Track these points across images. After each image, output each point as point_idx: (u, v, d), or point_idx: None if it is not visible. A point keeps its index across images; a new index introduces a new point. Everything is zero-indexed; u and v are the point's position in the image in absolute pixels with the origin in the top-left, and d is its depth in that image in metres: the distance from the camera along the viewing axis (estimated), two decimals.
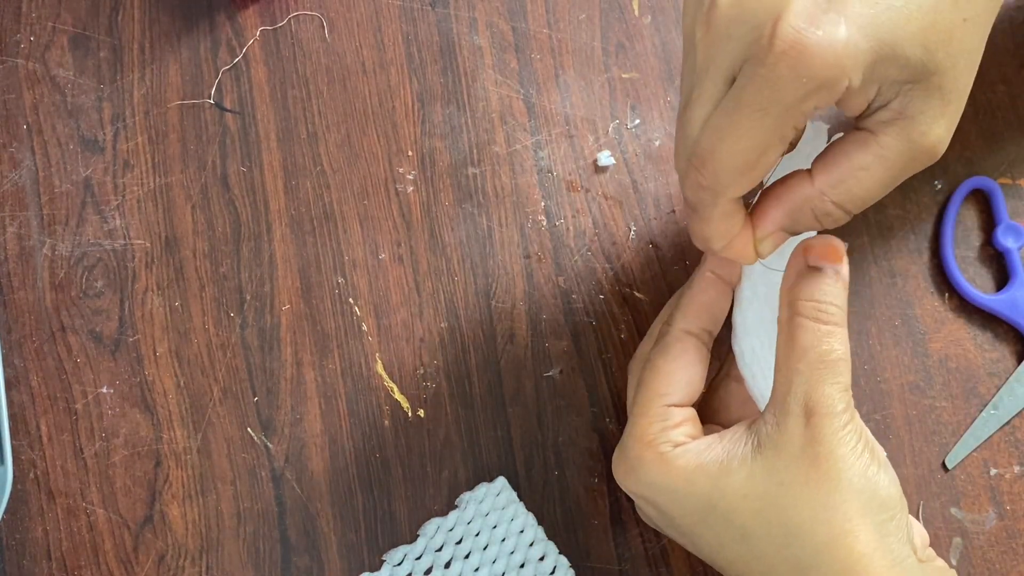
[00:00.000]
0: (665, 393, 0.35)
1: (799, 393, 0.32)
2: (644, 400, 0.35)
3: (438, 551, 0.43)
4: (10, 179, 0.48)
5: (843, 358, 0.32)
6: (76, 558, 0.44)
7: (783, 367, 0.33)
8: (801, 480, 0.31)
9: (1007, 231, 0.46)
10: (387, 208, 0.48)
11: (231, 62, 0.49)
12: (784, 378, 0.32)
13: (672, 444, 0.34)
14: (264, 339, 0.46)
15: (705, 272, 0.37)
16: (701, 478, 0.32)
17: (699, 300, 0.36)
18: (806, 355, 0.32)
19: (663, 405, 0.35)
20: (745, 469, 0.32)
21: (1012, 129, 0.49)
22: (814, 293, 0.33)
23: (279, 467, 0.45)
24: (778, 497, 0.31)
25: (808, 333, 0.32)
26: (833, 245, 0.33)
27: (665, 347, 0.36)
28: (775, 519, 0.31)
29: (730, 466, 0.32)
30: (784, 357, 0.33)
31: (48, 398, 0.46)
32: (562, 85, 0.49)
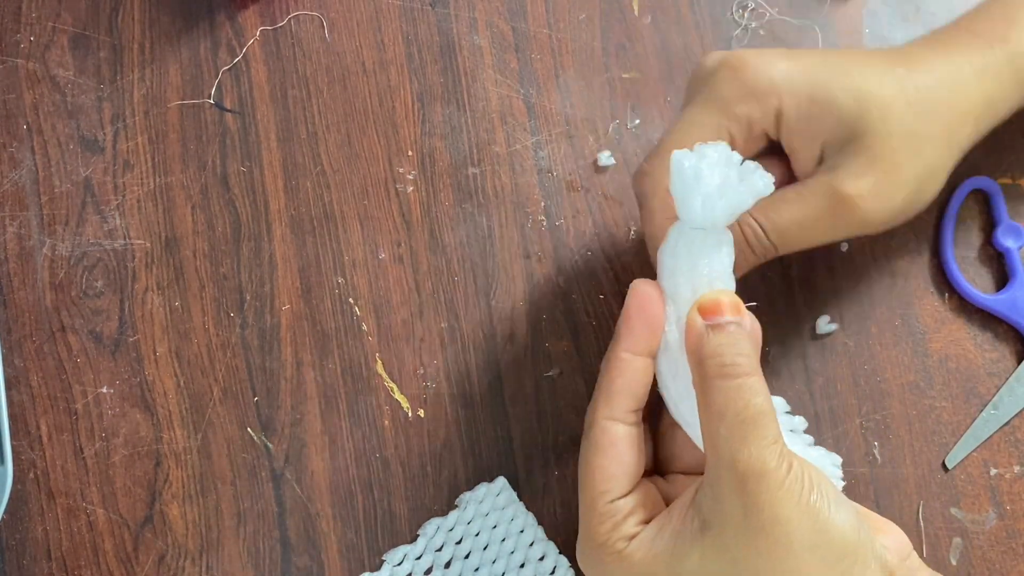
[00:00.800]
0: (606, 490, 0.34)
1: (727, 460, 0.30)
2: (588, 500, 0.34)
3: (438, 551, 0.43)
4: (10, 179, 0.48)
5: (762, 410, 0.31)
6: (76, 558, 0.44)
7: (707, 433, 0.32)
8: (752, 553, 0.30)
9: (1007, 231, 0.46)
10: (387, 208, 0.48)
11: (231, 62, 0.49)
12: (711, 445, 0.31)
13: (625, 539, 0.33)
14: (264, 339, 0.46)
15: (619, 354, 0.35)
16: (658, 568, 0.32)
17: (616, 385, 0.35)
18: (724, 417, 0.31)
19: (607, 503, 0.34)
20: (696, 551, 0.31)
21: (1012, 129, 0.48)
22: (716, 350, 0.32)
23: (279, 467, 0.45)
24: (733, 573, 0.31)
25: (720, 393, 0.31)
26: (721, 300, 0.33)
27: (594, 443, 0.34)
28: None
29: (682, 551, 0.31)
30: (705, 422, 0.32)
31: (48, 398, 0.46)
32: (562, 85, 0.49)
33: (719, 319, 0.33)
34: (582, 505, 0.34)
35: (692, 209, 0.33)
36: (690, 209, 0.33)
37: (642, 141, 0.49)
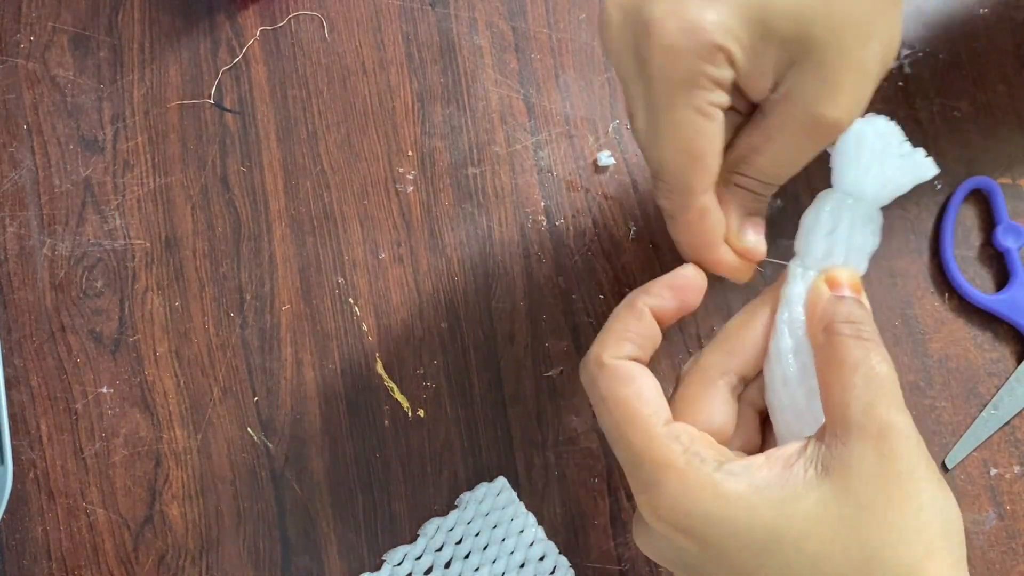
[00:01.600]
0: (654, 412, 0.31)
1: (861, 410, 0.29)
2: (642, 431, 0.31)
3: (438, 551, 0.43)
4: (10, 179, 0.48)
5: (893, 376, 0.31)
6: (76, 558, 0.44)
7: (834, 387, 0.31)
8: (882, 501, 0.28)
9: (1007, 231, 0.46)
10: (387, 208, 0.48)
11: (231, 62, 0.49)
12: (839, 398, 0.30)
13: (713, 462, 0.30)
14: (264, 339, 0.46)
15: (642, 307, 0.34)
16: (762, 505, 0.29)
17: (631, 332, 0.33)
18: (858, 370, 0.30)
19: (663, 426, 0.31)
20: (814, 493, 0.29)
21: (1012, 129, 0.48)
22: (849, 314, 0.32)
23: (279, 467, 0.45)
24: (857, 520, 0.28)
25: (854, 349, 0.31)
26: (851, 276, 0.34)
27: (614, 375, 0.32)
28: (854, 543, 0.28)
29: (795, 492, 0.29)
30: (834, 376, 0.31)
31: (48, 398, 0.46)
32: (562, 85, 0.49)
33: (846, 291, 0.33)
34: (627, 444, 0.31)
35: (849, 176, 0.34)
36: (848, 177, 0.34)
37: None
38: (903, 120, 0.49)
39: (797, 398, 0.33)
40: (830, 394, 0.31)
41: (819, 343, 0.32)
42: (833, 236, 0.34)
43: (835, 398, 0.30)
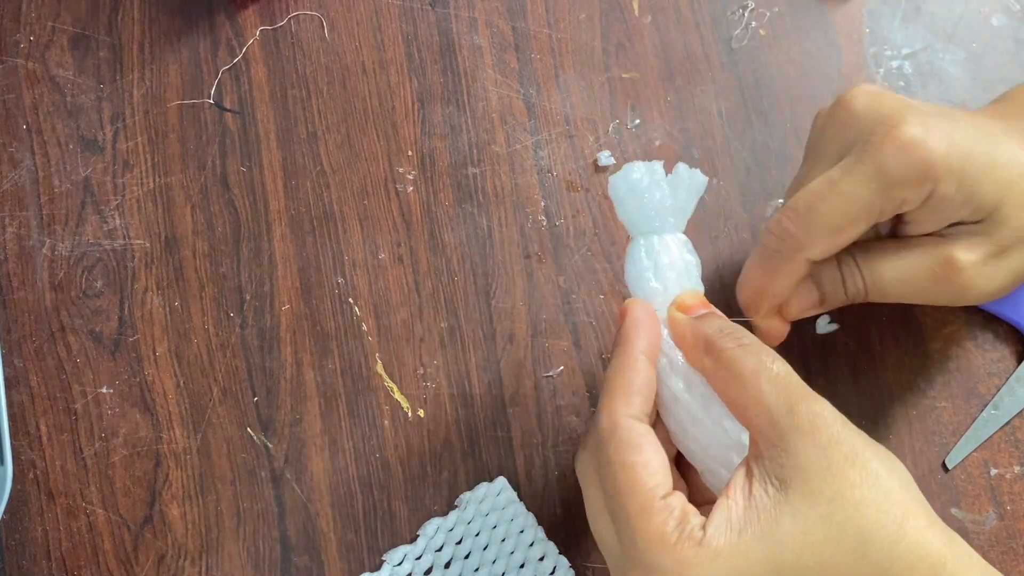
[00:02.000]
0: (655, 485, 0.31)
1: (786, 413, 0.30)
2: (639, 503, 0.31)
3: (438, 551, 0.43)
4: (10, 179, 0.48)
5: (790, 369, 0.32)
6: (76, 558, 0.44)
7: (746, 401, 0.31)
8: (846, 487, 0.29)
9: None
10: (387, 208, 0.48)
11: (231, 62, 0.49)
12: (755, 409, 0.31)
13: (699, 531, 0.30)
14: (264, 339, 0.46)
15: (636, 356, 0.34)
16: (752, 545, 0.29)
17: (636, 386, 0.33)
18: (760, 376, 0.31)
19: (661, 499, 0.31)
20: (787, 508, 0.29)
21: None
22: (720, 329, 0.33)
23: (279, 467, 0.45)
24: (835, 512, 0.29)
25: (746, 359, 0.32)
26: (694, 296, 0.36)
27: (625, 442, 0.32)
28: (845, 534, 0.29)
29: (770, 518, 0.29)
30: (739, 391, 0.31)
31: (48, 398, 0.46)
32: (562, 85, 0.49)
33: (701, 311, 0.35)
34: (625, 514, 0.31)
35: (640, 225, 0.37)
36: (639, 225, 0.37)
37: (642, 141, 0.49)
38: None
39: (694, 410, 0.34)
40: (744, 409, 0.31)
41: (707, 367, 0.33)
42: (659, 273, 0.36)
43: (752, 409, 0.31)
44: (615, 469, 0.32)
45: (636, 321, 0.35)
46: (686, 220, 0.37)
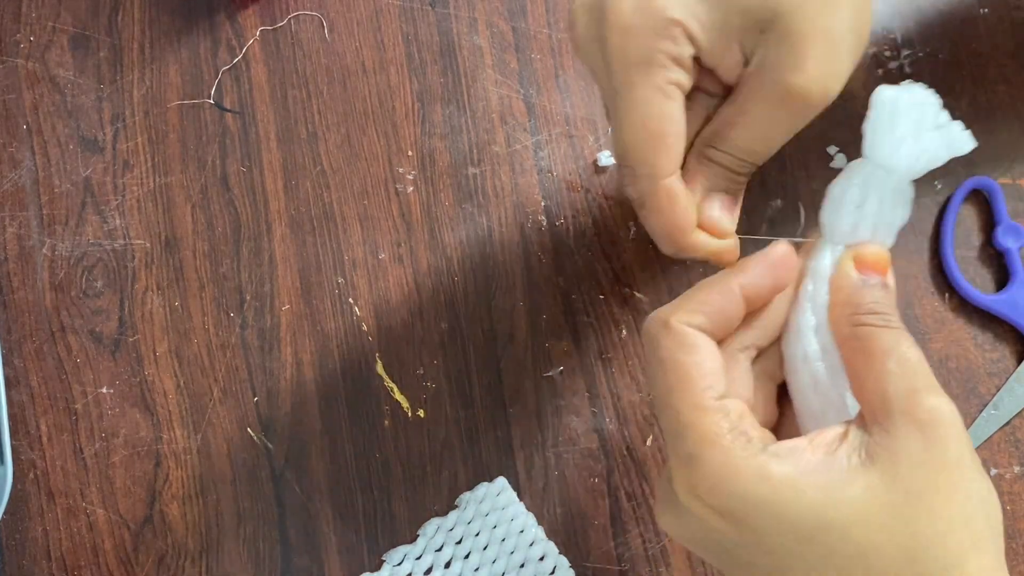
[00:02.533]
0: (709, 385, 0.29)
1: (903, 397, 0.28)
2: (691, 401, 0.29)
3: (438, 551, 0.43)
4: (10, 179, 0.48)
5: (925, 362, 0.30)
6: (76, 558, 0.44)
7: (867, 375, 0.29)
8: (931, 489, 0.27)
9: (1007, 231, 0.46)
10: (387, 208, 0.48)
11: (231, 62, 0.49)
12: (874, 385, 0.29)
13: (759, 443, 0.28)
14: (264, 339, 0.46)
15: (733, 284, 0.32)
16: (810, 489, 0.27)
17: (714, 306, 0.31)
18: (891, 356, 0.29)
19: (715, 398, 0.29)
20: (861, 480, 0.28)
21: (1012, 129, 0.48)
22: (875, 304, 0.31)
23: (279, 467, 0.45)
24: (904, 508, 0.27)
25: (884, 337, 0.30)
26: (878, 255, 0.32)
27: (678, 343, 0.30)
28: (902, 531, 0.27)
29: (842, 476, 0.28)
30: (865, 365, 0.30)
31: (48, 398, 0.46)
32: (562, 85, 0.49)
33: (874, 277, 0.32)
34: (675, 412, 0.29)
35: (882, 147, 0.32)
36: (881, 147, 0.32)
37: None
38: None
39: (819, 376, 0.32)
40: (864, 382, 0.30)
41: (844, 333, 0.31)
42: (862, 210, 0.33)
43: (870, 386, 0.29)
44: (666, 367, 0.30)
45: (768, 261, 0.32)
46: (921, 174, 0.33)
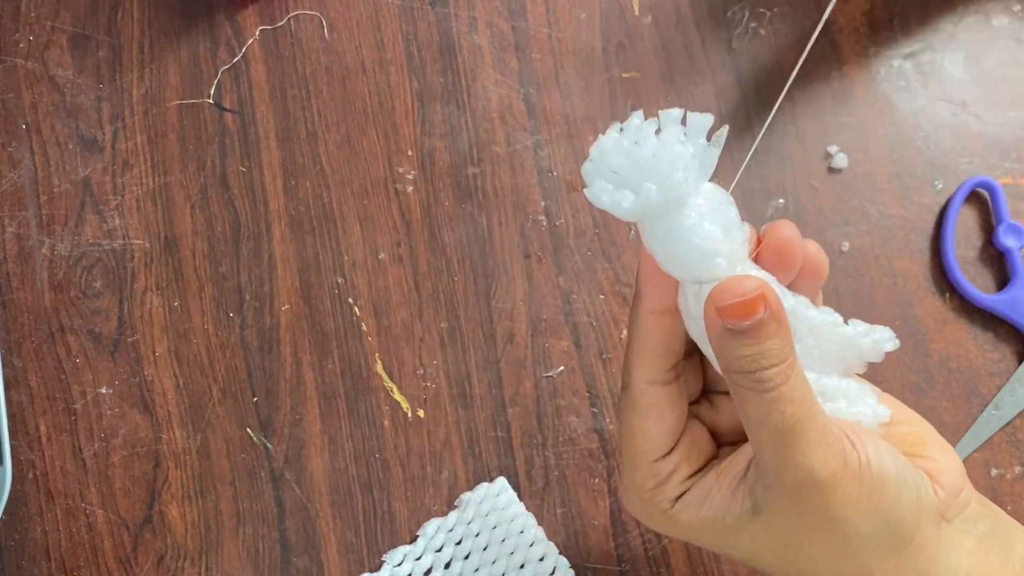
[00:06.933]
0: (648, 450, 0.33)
1: (773, 469, 0.29)
2: (630, 458, 0.33)
3: (438, 551, 0.43)
4: (9, 179, 0.48)
5: (802, 416, 0.28)
6: (75, 558, 0.44)
7: (749, 434, 0.30)
8: (807, 544, 0.30)
9: (1008, 231, 0.46)
10: (387, 208, 0.48)
11: (230, 62, 0.49)
12: (755, 446, 0.30)
13: (670, 500, 0.32)
14: (264, 339, 0.46)
15: (644, 313, 0.32)
16: (707, 534, 0.32)
17: (649, 344, 0.32)
18: (762, 428, 0.28)
19: (649, 463, 0.33)
20: (748, 530, 0.31)
21: (1012, 128, 0.48)
22: (740, 364, 0.28)
23: (279, 467, 0.45)
24: (786, 555, 0.31)
25: (754, 405, 0.28)
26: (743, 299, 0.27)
27: (632, 404, 0.33)
28: (791, 572, 0.31)
29: (733, 524, 0.31)
30: (746, 426, 0.30)
31: (47, 398, 0.46)
32: (562, 85, 0.49)
33: (739, 324, 0.28)
34: (625, 460, 0.34)
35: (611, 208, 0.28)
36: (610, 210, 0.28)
37: None
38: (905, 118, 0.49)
39: None
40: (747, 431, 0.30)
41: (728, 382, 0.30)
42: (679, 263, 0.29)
43: (752, 443, 0.30)
44: (622, 425, 0.34)
45: (647, 274, 0.31)
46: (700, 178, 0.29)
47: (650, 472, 0.33)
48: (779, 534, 0.30)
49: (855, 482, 0.29)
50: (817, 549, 0.30)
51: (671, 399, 0.33)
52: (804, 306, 0.31)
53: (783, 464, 0.29)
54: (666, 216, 0.28)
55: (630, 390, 0.33)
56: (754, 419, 0.29)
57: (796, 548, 0.30)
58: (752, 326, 0.28)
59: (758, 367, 0.28)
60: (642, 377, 0.32)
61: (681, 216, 0.28)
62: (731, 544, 0.32)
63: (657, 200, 0.27)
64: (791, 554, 0.31)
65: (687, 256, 0.28)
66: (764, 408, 0.28)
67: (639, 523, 0.44)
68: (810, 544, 0.30)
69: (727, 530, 0.31)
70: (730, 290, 0.28)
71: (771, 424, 0.28)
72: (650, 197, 0.27)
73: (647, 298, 0.32)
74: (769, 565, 0.32)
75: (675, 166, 0.27)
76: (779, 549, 0.31)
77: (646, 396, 0.32)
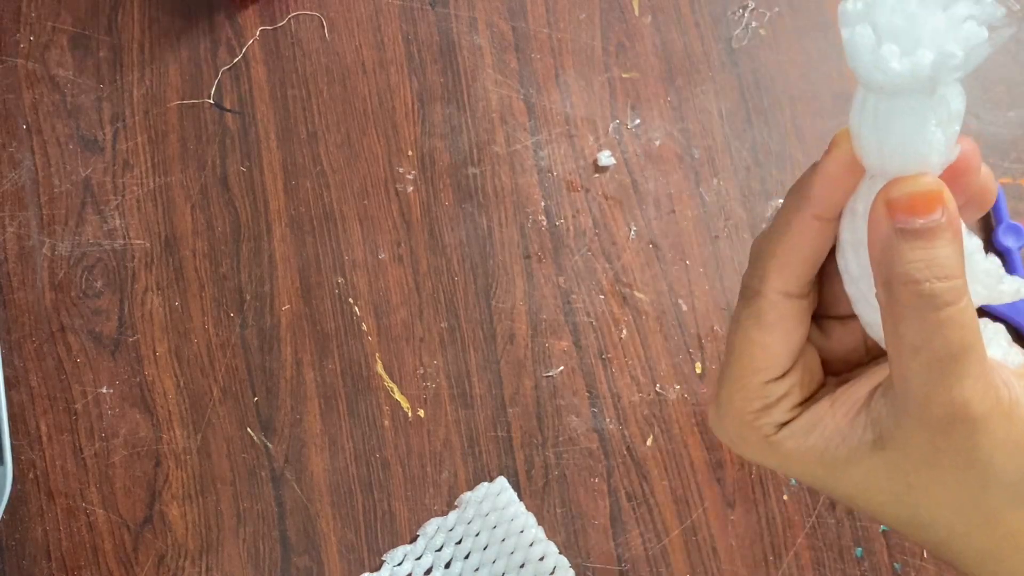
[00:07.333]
0: (763, 368, 0.29)
1: (919, 398, 0.26)
2: (739, 374, 0.29)
3: (438, 551, 0.43)
4: (10, 179, 0.48)
5: (967, 344, 0.25)
6: (76, 558, 0.44)
7: (894, 359, 0.26)
8: (936, 483, 0.27)
9: (1007, 231, 0.46)
10: (387, 208, 0.48)
11: (231, 62, 0.49)
12: (899, 373, 0.26)
13: (775, 425, 0.29)
14: (264, 339, 0.46)
15: (807, 217, 0.28)
16: (813, 466, 0.28)
17: (799, 253, 0.28)
18: (918, 355, 0.25)
19: (762, 383, 0.29)
20: (864, 463, 0.27)
21: (1012, 128, 0.48)
22: (909, 272, 0.25)
23: (279, 467, 0.45)
24: (905, 496, 0.27)
25: (914, 326, 0.25)
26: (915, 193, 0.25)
27: (759, 315, 0.29)
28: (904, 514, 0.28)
29: (846, 456, 0.28)
30: (893, 349, 0.26)
31: (48, 398, 0.46)
32: (562, 85, 0.49)
33: (912, 222, 0.25)
34: (728, 374, 0.30)
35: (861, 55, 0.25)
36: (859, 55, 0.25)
37: (642, 141, 0.49)
38: None
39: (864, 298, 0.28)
40: (891, 354, 0.27)
41: (879, 297, 0.27)
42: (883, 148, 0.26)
43: (895, 369, 0.26)
44: (739, 336, 0.30)
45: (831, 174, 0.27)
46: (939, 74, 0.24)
47: (759, 393, 0.29)
48: (903, 471, 0.27)
49: (1004, 422, 0.26)
50: (947, 491, 0.27)
51: (801, 315, 0.29)
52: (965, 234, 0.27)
53: (933, 395, 0.25)
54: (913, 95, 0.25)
55: (759, 299, 0.29)
56: (910, 342, 0.25)
57: (920, 489, 0.27)
58: (927, 226, 0.25)
59: (930, 276, 0.25)
60: (778, 287, 0.29)
61: (932, 100, 0.25)
62: (838, 478, 0.28)
63: (928, 74, 0.24)
64: (912, 496, 0.27)
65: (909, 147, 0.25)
66: (927, 330, 0.25)
67: (639, 523, 0.44)
68: (940, 485, 0.27)
69: (837, 462, 0.28)
70: (907, 183, 0.25)
71: (932, 349, 0.25)
72: (922, 66, 0.24)
73: (819, 203, 0.28)
74: (880, 505, 0.28)
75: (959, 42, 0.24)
76: (898, 488, 0.27)
77: (778, 308, 0.29)
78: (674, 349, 0.46)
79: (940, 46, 0.24)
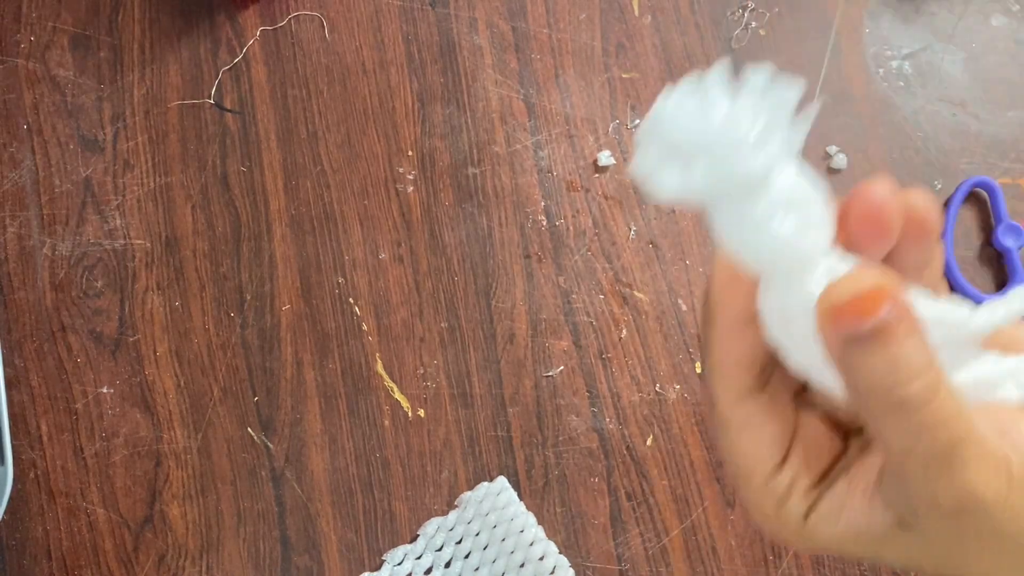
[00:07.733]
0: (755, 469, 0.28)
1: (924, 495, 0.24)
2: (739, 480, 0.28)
3: (438, 551, 0.43)
4: (10, 179, 0.48)
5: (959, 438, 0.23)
6: (76, 558, 0.44)
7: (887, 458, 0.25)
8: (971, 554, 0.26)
9: (1007, 231, 0.46)
10: (387, 208, 0.48)
11: (231, 62, 0.49)
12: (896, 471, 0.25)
13: (798, 517, 0.27)
14: (264, 339, 0.46)
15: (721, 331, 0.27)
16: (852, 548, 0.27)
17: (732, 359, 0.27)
18: (910, 456, 0.23)
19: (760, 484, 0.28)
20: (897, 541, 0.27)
21: (1011, 128, 0.48)
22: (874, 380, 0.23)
23: (279, 467, 0.45)
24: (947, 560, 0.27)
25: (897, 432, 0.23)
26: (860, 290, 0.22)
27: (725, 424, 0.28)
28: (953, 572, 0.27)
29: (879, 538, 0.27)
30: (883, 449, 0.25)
31: (48, 398, 0.46)
32: (562, 85, 0.49)
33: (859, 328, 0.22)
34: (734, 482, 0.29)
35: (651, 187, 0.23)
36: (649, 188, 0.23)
37: None
38: (905, 118, 0.49)
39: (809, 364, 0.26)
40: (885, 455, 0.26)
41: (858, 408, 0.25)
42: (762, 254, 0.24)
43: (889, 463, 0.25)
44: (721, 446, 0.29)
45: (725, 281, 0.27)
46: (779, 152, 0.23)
47: (766, 493, 0.28)
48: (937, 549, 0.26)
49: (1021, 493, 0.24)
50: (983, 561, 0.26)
51: (766, 408, 0.28)
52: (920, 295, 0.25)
53: (937, 491, 0.24)
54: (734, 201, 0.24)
55: (716, 410, 0.28)
56: (897, 447, 0.24)
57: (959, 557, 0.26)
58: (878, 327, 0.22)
59: (895, 381, 0.23)
60: (727, 398, 0.28)
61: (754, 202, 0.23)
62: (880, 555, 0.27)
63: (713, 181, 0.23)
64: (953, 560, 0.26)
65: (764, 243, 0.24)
66: (911, 433, 0.23)
67: (639, 523, 0.44)
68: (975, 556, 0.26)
69: (872, 543, 0.27)
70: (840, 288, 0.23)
71: (920, 452, 0.23)
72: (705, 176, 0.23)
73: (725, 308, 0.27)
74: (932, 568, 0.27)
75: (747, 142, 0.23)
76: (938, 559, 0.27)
77: (736, 414, 0.28)
78: (674, 349, 0.46)
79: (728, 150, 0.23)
